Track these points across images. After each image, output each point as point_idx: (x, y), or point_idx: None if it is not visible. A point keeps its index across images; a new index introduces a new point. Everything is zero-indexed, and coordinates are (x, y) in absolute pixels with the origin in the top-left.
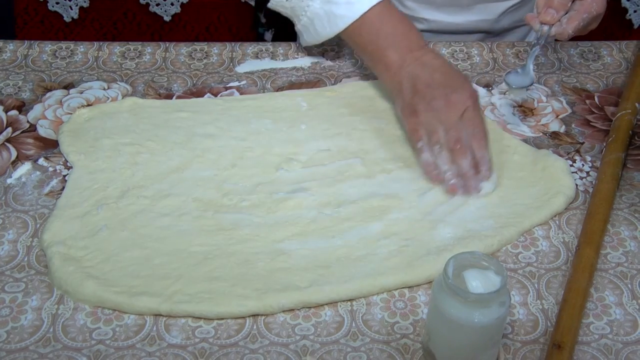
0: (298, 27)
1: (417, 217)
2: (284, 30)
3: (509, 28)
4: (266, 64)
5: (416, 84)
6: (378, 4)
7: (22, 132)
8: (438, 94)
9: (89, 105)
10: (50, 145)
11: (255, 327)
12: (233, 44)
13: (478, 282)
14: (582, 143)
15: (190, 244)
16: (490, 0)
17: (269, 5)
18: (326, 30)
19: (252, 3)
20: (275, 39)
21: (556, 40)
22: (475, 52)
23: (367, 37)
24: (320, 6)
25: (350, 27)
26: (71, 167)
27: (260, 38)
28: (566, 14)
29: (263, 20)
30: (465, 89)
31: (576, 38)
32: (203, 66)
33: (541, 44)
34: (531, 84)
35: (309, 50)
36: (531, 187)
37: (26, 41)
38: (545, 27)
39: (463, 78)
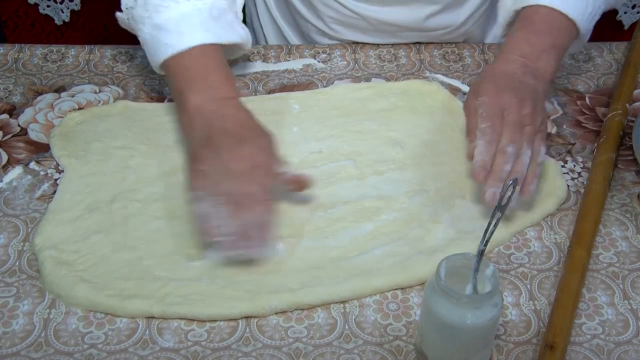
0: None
1: (409, 218)
2: None
3: (439, 29)
4: (258, 66)
5: (209, 132)
6: (208, 45)
7: (12, 136)
8: (230, 144)
9: (80, 108)
10: (41, 149)
11: (248, 329)
12: None
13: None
14: (574, 144)
15: (182, 247)
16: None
17: (120, 24)
18: (153, 59)
19: None
20: None
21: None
22: (467, 53)
23: (180, 76)
24: (149, 31)
25: (172, 60)
26: (62, 171)
27: None
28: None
29: None
30: (258, 144)
31: None
32: None
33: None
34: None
35: (301, 53)
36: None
37: (17, 44)
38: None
39: (261, 133)
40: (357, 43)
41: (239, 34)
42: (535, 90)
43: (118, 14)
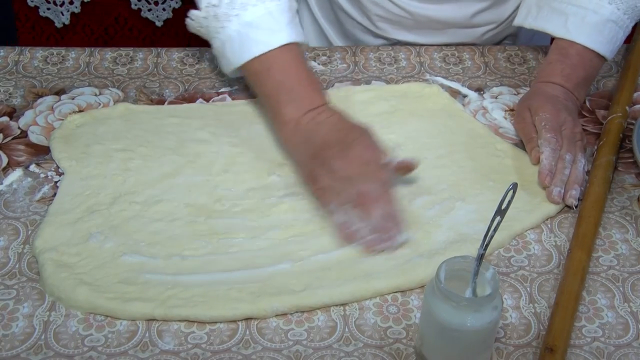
0: (213, 51)
1: (409, 221)
2: None
3: (484, 25)
4: None
5: (312, 147)
6: (293, 43)
7: (13, 139)
8: (336, 154)
9: (80, 111)
10: (41, 152)
11: (248, 332)
12: None
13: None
14: None
15: (184, 249)
16: (467, 26)
17: (189, 28)
18: (235, 57)
19: None
20: None
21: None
22: (467, 56)
23: (270, 86)
24: (237, 28)
25: (259, 60)
26: (63, 174)
27: None
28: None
29: None
30: (361, 143)
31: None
32: (195, 71)
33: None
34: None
35: None
36: (522, 191)
37: (17, 47)
38: None
39: (359, 131)
40: (358, 46)
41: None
42: (576, 113)
43: (193, 12)
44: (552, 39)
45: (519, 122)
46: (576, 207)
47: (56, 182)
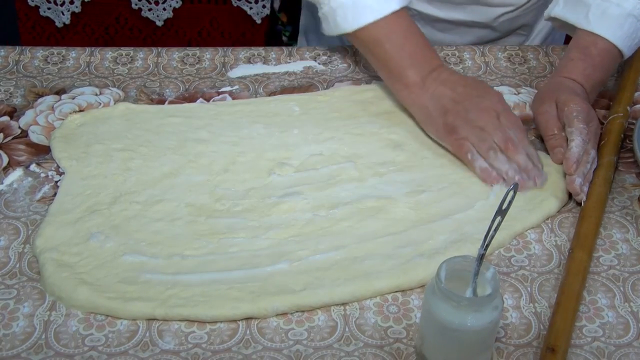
0: (319, 14)
1: (410, 220)
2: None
3: (510, 30)
4: (258, 68)
5: (444, 104)
6: (403, 9)
7: (13, 138)
8: (469, 106)
9: (81, 110)
10: (42, 151)
11: (248, 332)
12: (225, 49)
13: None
14: None
15: (184, 249)
16: (483, 4)
17: None
18: (347, 22)
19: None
20: (292, 37)
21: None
22: (467, 56)
23: (389, 51)
24: None
25: (375, 26)
26: (63, 173)
27: (277, 36)
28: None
29: (284, 19)
30: (491, 94)
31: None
32: (195, 71)
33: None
34: None
35: (302, 55)
36: (523, 190)
37: (17, 47)
38: None
39: (483, 84)
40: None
41: None
42: None
43: None
44: (567, 37)
45: (541, 114)
46: (584, 202)
47: (57, 182)
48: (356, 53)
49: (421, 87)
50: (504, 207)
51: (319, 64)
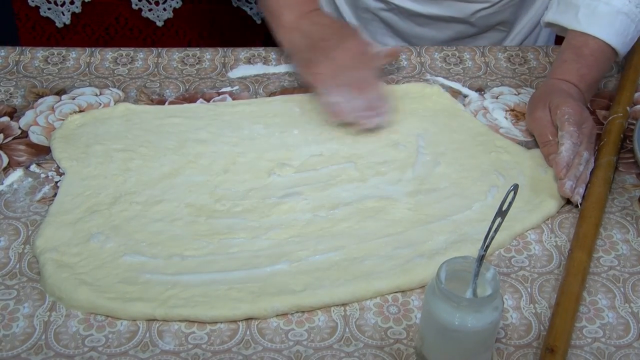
0: None
1: (410, 220)
2: None
3: (489, 26)
4: (258, 69)
5: (310, 41)
6: None
7: (13, 139)
8: (332, 45)
9: (81, 111)
10: (42, 152)
11: (248, 332)
12: (225, 49)
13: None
14: None
15: (185, 249)
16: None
17: None
18: None
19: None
20: None
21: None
22: (468, 56)
23: None
24: None
25: None
26: (63, 174)
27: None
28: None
29: None
30: (356, 37)
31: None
32: (195, 72)
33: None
34: None
35: None
36: (523, 191)
37: (18, 47)
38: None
39: (352, 28)
40: None
41: None
42: None
43: None
44: (556, 36)
45: (535, 120)
46: (580, 204)
47: (57, 182)
48: None
49: (294, 26)
50: (504, 208)
51: None
